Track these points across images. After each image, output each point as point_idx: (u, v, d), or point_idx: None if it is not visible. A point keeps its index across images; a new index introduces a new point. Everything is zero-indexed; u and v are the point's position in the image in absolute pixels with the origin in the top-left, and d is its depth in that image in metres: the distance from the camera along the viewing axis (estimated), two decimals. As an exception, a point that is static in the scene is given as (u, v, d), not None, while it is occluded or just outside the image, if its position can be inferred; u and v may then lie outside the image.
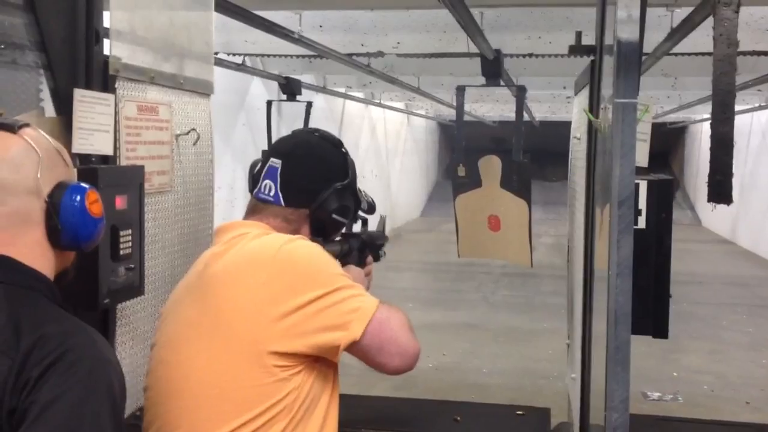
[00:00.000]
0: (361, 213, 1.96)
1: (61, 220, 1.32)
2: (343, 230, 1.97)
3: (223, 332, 1.61)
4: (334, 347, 1.61)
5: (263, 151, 2.09)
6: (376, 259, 2.11)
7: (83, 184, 1.37)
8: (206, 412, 1.61)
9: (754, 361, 7.43)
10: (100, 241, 1.43)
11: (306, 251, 1.68)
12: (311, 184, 1.81)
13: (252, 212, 1.83)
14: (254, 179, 1.86)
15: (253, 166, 1.90)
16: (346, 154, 1.89)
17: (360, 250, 2.02)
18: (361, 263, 2.01)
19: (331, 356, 1.64)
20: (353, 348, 1.63)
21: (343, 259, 1.96)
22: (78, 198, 1.34)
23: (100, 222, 1.39)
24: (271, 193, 1.80)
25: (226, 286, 1.65)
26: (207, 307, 1.65)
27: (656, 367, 6.76)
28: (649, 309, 2.04)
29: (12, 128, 1.33)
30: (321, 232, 1.83)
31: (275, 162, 1.82)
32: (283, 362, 1.59)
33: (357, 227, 2.06)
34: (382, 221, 2.20)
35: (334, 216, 1.82)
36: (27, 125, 1.36)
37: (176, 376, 1.67)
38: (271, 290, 1.60)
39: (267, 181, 1.81)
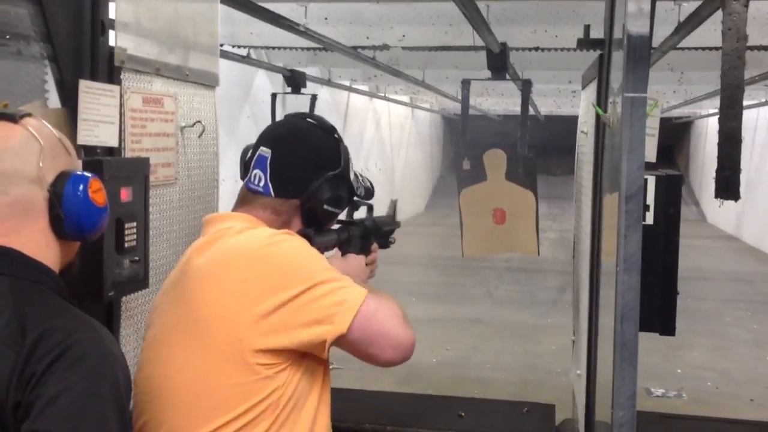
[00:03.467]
0: (358, 199, 1.88)
1: (64, 210, 1.31)
2: (345, 217, 1.91)
3: (204, 331, 1.58)
4: (320, 342, 1.56)
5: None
6: (385, 246, 2.02)
7: (86, 173, 1.36)
8: (188, 411, 1.59)
9: (758, 358, 7.42)
10: (104, 231, 1.42)
11: (287, 246, 1.63)
12: (302, 173, 1.75)
13: (242, 203, 1.78)
14: (246, 167, 1.81)
15: (244, 152, 1.84)
16: (339, 140, 1.82)
17: (363, 238, 1.94)
18: (365, 251, 1.94)
19: (318, 352, 1.59)
20: (341, 342, 1.58)
21: (343, 247, 1.90)
22: (81, 187, 1.33)
23: (103, 211, 1.37)
24: (261, 184, 1.75)
25: (206, 284, 1.61)
26: (188, 305, 1.62)
27: (660, 364, 6.75)
28: (656, 306, 2.03)
29: (13, 118, 1.33)
30: (313, 223, 1.77)
31: (265, 151, 1.76)
32: (268, 360, 1.56)
33: (362, 213, 1.99)
34: (393, 205, 2.11)
35: (326, 206, 1.76)
36: (29, 115, 1.35)
37: (159, 374, 1.65)
38: (253, 288, 1.56)
39: (257, 171, 1.76)
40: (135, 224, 1.95)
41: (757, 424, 2.98)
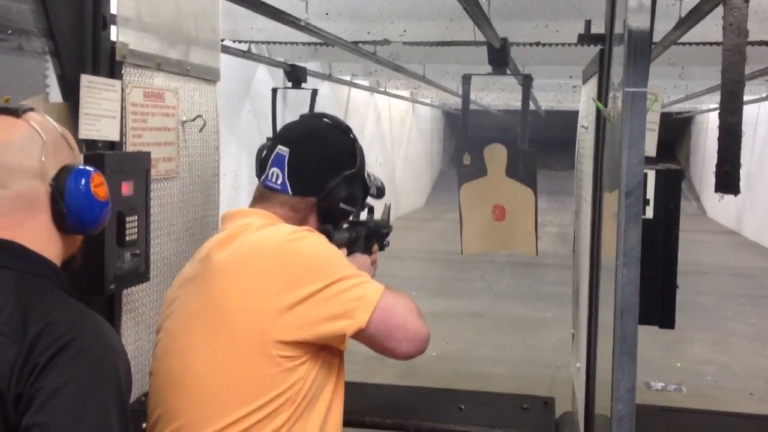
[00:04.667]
0: (370, 198, 1.95)
1: (66, 204, 1.32)
2: (351, 217, 1.96)
3: (226, 323, 1.61)
4: (340, 336, 1.61)
5: (268, 138, 2.08)
6: (381, 248, 2.10)
7: (88, 167, 1.36)
8: (208, 403, 1.61)
9: (758, 352, 7.43)
10: (106, 224, 1.43)
11: (310, 242, 1.67)
12: (319, 173, 1.79)
13: (259, 200, 1.82)
14: (261, 165, 1.84)
15: (260, 151, 1.87)
16: (355, 140, 1.87)
17: (366, 238, 2.01)
18: (368, 251, 2.01)
19: (338, 344, 1.64)
20: (360, 335, 1.62)
21: (351, 246, 1.95)
22: (83, 181, 1.33)
23: (105, 205, 1.38)
24: (279, 182, 1.78)
25: (229, 277, 1.64)
26: (210, 298, 1.64)
27: (660, 358, 6.77)
28: (656, 299, 2.04)
29: (16, 113, 1.33)
30: (328, 221, 1.82)
31: (283, 150, 1.80)
32: (289, 352, 1.59)
33: (363, 215, 2.06)
34: (387, 210, 2.19)
35: (341, 205, 1.81)
36: (31, 110, 1.36)
37: (179, 365, 1.67)
38: (276, 281, 1.60)
39: (274, 169, 1.79)
40: (136, 218, 1.96)
41: (756, 418, 2.99)
